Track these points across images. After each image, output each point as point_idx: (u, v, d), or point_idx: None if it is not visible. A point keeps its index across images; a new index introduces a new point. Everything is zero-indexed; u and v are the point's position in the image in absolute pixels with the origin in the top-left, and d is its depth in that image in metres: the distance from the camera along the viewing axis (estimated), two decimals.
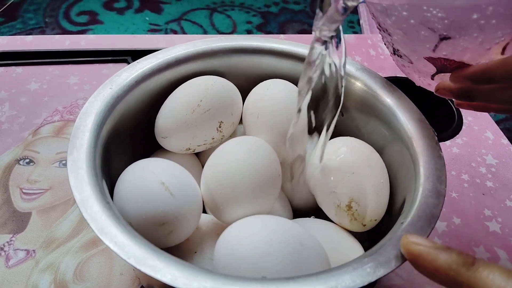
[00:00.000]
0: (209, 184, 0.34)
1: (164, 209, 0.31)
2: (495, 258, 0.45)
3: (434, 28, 0.29)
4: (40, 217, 0.44)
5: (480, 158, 0.55)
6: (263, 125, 0.39)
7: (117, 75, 0.37)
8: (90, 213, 0.27)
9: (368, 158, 0.36)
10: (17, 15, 1.18)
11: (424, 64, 0.33)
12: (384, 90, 0.39)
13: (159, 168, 0.33)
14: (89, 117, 0.34)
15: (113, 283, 0.39)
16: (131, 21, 1.18)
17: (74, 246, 0.42)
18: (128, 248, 0.26)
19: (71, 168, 0.30)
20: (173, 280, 0.24)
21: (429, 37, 0.29)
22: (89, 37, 0.68)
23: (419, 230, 0.28)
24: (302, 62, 0.42)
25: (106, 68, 0.62)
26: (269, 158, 0.34)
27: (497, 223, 0.48)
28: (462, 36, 0.28)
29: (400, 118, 0.36)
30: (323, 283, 0.25)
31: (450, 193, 0.50)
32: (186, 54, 0.41)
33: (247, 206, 0.33)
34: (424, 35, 0.29)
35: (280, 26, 1.17)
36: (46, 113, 0.55)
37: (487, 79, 0.27)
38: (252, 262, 0.28)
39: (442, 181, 0.31)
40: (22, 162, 0.49)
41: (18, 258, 0.41)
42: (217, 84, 0.39)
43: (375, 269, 0.26)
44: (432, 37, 0.29)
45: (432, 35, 0.29)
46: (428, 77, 0.34)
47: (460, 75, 0.29)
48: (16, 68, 0.61)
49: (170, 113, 0.39)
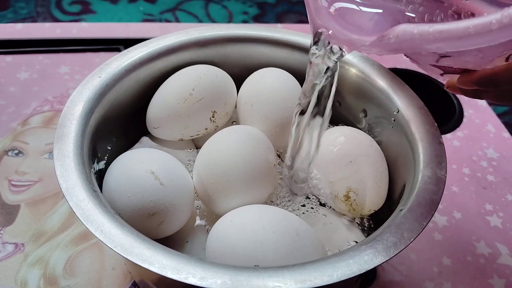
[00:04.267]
0: (201, 174, 0.33)
1: (153, 199, 0.30)
2: (496, 253, 0.44)
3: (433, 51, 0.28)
4: (29, 209, 0.43)
5: (481, 152, 0.54)
6: (257, 114, 0.38)
7: (107, 64, 0.37)
8: (76, 201, 0.27)
9: (366, 147, 0.35)
10: (8, 4, 1.16)
11: (430, 68, 0.32)
12: (382, 77, 0.38)
13: (149, 157, 0.32)
14: (77, 105, 0.33)
15: (105, 278, 0.38)
16: (124, 11, 1.16)
17: (64, 240, 0.41)
18: (115, 236, 0.25)
19: (57, 157, 0.29)
20: (161, 269, 0.24)
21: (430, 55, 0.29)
22: (81, 25, 0.66)
23: (419, 217, 0.27)
24: (297, 50, 0.41)
25: (98, 57, 0.61)
26: (263, 147, 0.33)
27: (498, 217, 0.47)
28: (462, 55, 0.27)
29: (399, 105, 0.36)
30: (319, 271, 0.24)
31: (450, 187, 0.49)
32: (178, 43, 0.40)
33: (241, 196, 0.32)
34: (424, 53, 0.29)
35: (277, 17, 1.15)
36: (36, 103, 0.53)
37: (493, 84, 0.27)
38: (245, 251, 0.27)
39: (442, 168, 0.31)
40: (11, 153, 0.48)
41: (7, 251, 0.40)
42: (210, 72, 0.38)
43: (372, 256, 0.25)
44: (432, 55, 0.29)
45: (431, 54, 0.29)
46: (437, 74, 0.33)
47: (466, 80, 0.29)
48: (6, 56, 0.59)
49: (161, 103, 0.38)
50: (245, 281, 0.23)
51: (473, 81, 0.28)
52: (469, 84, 0.29)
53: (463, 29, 0.20)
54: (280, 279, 0.24)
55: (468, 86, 0.29)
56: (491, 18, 0.19)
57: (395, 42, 0.23)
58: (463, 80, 0.29)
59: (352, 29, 0.26)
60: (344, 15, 0.26)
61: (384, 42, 0.23)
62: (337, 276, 0.24)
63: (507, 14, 0.19)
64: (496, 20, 0.19)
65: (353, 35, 0.25)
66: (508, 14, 0.19)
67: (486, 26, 0.20)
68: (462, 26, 0.20)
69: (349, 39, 0.25)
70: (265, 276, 0.24)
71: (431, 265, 0.42)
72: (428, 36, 0.22)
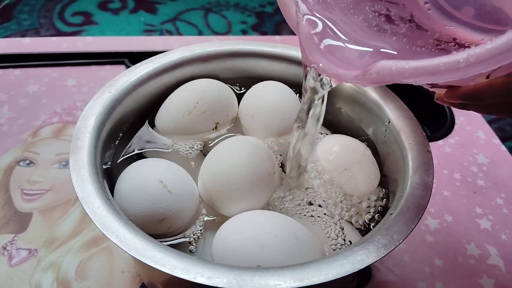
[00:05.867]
0: (206, 182, 0.35)
1: (162, 206, 0.32)
2: (485, 254, 0.46)
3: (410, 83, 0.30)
4: (42, 217, 0.45)
5: (471, 158, 0.56)
6: (258, 125, 0.40)
7: (116, 79, 0.39)
8: (92, 208, 0.29)
9: (359, 155, 0.38)
10: (12, 16, 1.18)
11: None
12: (374, 89, 0.40)
13: (157, 167, 0.34)
14: (90, 119, 0.35)
15: (115, 281, 0.40)
16: (126, 22, 1.18)
17: (76, 245, 0.43)
18: (129, 241, 0.27)
19: (73, 168, 0.31)
20: (172, 270, 0.26)
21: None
22: (86, 39, 0.68)
23: (407, 221, 0.30)
24: (294, 64, 0.44)
25: (104, 70, 0.63)
26: (264, 156, 0.35)
27: (488, 220, 0.49)
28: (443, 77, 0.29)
29: (390, 116, 0.38)
30: (316, 270, 0.26)
31: (442, 191, 0.52)
32: (182, 59, 0.42)
33: (243, 202, 0.34)
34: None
35: (275, 26, 1.17)
36: (45, 115, 0.56)
37: (476, 99, 0.29)
38: (248, 254, 0.29)
39: (429, 174, 0.33)
40: (22, 163, 0.50)
41: (21, 257, 0.42)
42: (212, 86, 0.41)
43: (365, 257, 0.27)
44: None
45: None
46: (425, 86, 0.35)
47: (452, 94, 0.31)
48: (14, 70, 0.61)
49: (167, 115, 0.40)
50: (248, 280, 0.25)
51: (458, 95, 0.30)
52: (455, 98, 0.31)
53: (435, 66, 0.22)
54: (281, 278, 0.26)
55: (454, 100, 0.31)
56: (458, 57, 0.21)
57: (376, 77, 0.24)
58: (449, 95, 0.31)
59: (340, 64, 0.27)
60: (333, 51, 0.28)
61: (367, 76, 0.25)
62: (332, 275, 0.26)
63: (473, 53, 0.20)
64: (463, 59, 0.21)
65: (340, 70, 0.27)
66: (474, 54, 0.20)
67: (454, 65, 0.21)
68: (434, 63, 0.22)
69: (336, 73, 0.27)
70: (267, 275, 0.26)
71: (424, 266, 0.44)
72: (404, 72, 0.23)
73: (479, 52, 0.20)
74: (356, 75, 0.26)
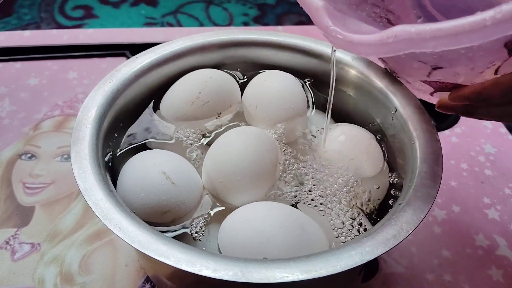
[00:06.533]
0: (210, 173, 0.34)
1: (165, 198, 0.31)
2: (494, 245, 0.45)
3: (425, 61, 0.29)
4: (44, 210, 0.44)
5: (478, 147, 0.56)
6: (261, 115, 0.39)
7: (117, 70, 0.38)
8: (94, 200, 0.28)
9: (365, 145, 0.37)
10: (12, 10, 1.17)
11: (421, 84, 0.33)
12: (380, 78, 0.39)
13: (160, 158, 0.34)
14: (91, 110, 0.34)
15: (118, 274, 0.40)
16: (126, 15, 1.17)
17: (79, 239, 0.42)
18: (133, 233, 0.27)
19: (75, 159, 0.31)
20: (177, 262, 0.25)
21: (422, 67, 0.30)
22: (87, 31, 0.68)
23: (417, 210, 0.29)
24: (298, 53, 0.43)
25: (105, 63, 0.62)
26: (267, 147, 0.35)
27: (496, 210, 0.48)
28: (453, 66, 0.28)
29: (397, 104, 0.37)
30: (324, 262, 0.26)
31: (449, 182, 0.51)
32: (184, 48, 0.42)
33: (247, 192, 0.33)
34: (416, 66, 0.30)
35: (277, 18, 1.16)
36: (46, 108, 0.55)
37: (483, 98, 0.28)
38: (254, 245, 0.29)
39: (438, 163, 0.32)
40: (24, 157, 0.49)
41: (24, 251, 0.41)
42: (215, 76, 0.40)
43: (373, 248, 0.27)
44: (424, 67, 0.30)
45: (424, 66, 0.30)
46: (426, 94, 0.35)
47: (457, 95, 0.30)
48: (15, 63, 0.61)
49: (169, 106, 0.39)
50: (255, 272, 0.25)
51: (464, 95, 0.29)
52: (460, 99, 0.30)
53: (460, 26, 0.21)
54: (287, 270, 0.25)
55: (459, 101, 0.30)
56: (484, 15, 0.20)
57: (393, 42, 0.23)
58: (455, 95, 0.30)
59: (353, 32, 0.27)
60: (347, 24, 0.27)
61: (384, 41, 0.24)
62: (340, 266, 0.25)
63: (500, 10, 0.20)
64: (489, 17, 0.20)
65: (354, 35, 0.26)
66: (501, 10, 0.20)
67: (481, 23, 0.20)
68: (459, 23, 0.21)
69: (351, 40, 0.26)
70: (273, 267, 0.25)
71: (431, 257, 0.43)
72: (425, 34, 0.22)
73: (506, 9, 0.20)
74: (372, 39, 0.24)
